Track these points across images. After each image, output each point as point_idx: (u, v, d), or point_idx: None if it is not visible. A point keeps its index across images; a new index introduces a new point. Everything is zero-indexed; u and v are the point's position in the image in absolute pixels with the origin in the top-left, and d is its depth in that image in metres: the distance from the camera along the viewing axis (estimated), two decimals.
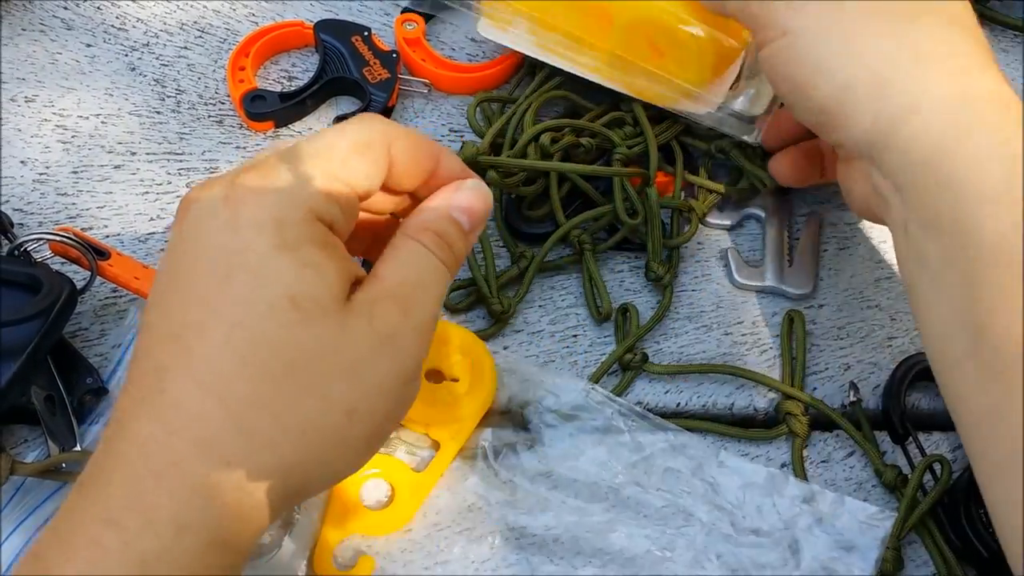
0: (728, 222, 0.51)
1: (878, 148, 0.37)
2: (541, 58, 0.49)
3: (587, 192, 0.48)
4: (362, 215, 0.36)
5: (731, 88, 0.47)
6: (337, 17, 0.55)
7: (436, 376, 0.43)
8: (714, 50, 0.45)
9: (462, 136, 0.52)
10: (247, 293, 0.28)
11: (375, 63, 0.53)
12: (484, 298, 0.46)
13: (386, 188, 0.33)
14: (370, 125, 0.32)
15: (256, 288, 0.28)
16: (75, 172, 0.50)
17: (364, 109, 0.51)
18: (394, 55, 0.53)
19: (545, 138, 0.47)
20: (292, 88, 0.53)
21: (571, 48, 0.48)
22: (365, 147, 0.31)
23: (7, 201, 0.48)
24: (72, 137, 0.51)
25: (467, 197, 0.33)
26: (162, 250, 0.47)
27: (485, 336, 0.45)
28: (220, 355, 0.28)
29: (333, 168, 0.30)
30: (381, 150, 0.31)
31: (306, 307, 0.28)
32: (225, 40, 0.55)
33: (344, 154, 0.30)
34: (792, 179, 0.48)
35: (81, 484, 0.28)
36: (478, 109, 0.51)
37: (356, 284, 0.30)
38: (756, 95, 0.48)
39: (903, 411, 0.44)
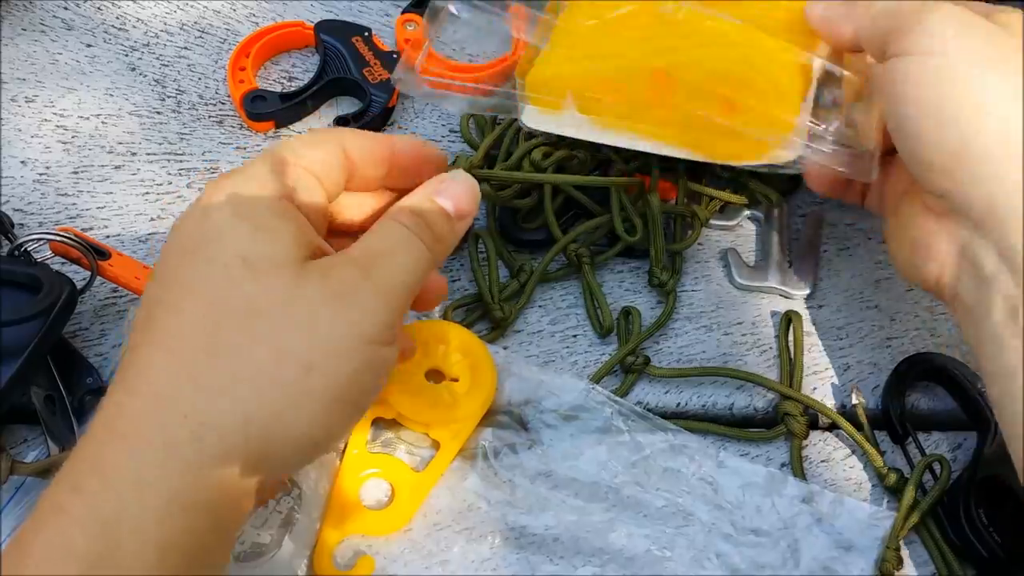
0: (728, 222, 0.51)
1: (1003, 216, 0.33)
2: (599, 139, 0.44)
3: (582, 203, 0.48)
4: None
5: (818, 117, 0.40)
6: (338, 18, 0.56)
7: (436, 376, 0.43)
8: (796, 76, 0.40)
9: (462, 138, 0.52)
10: (206, 261, 0.30)
11: (376, 64, 0.53)
12: (487, 305, 0.46)
13: (358, 187, 0.35)
14: (320, 130, 0.36)
15: (213, 254, 0.30)
16: (75, 172, 0.50)
17: (365, 110, 0.51)
18: (395, 56, 0.53)
19: (537, 153, 0.46)
20: (292, 88, 0.53)
21: (633, 122, 0.42)
22: (316, 142, 0.34)
23: (7, 201, 0.48)
24: (72, 137, 0.51)
25: (451, 185, 0.35)
26: None
27: (485, 340, 0.45)
28: (179, 317, 0.29)
29: (288, 156, 0.33)
30: (333, 143, 0.34)
31: (257, 264, 0.30)
32: (225, 40, 0.55)
33: (297, 146, 0.33)
34: (828, 189, 0.44)
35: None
36: (471, 120, 0.51)
37: (322, 252, 0.32)
38: (852, 125, 0.40)
39: (903, 411, 0.44)
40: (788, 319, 0.47)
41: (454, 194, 0.35)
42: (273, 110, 0.51)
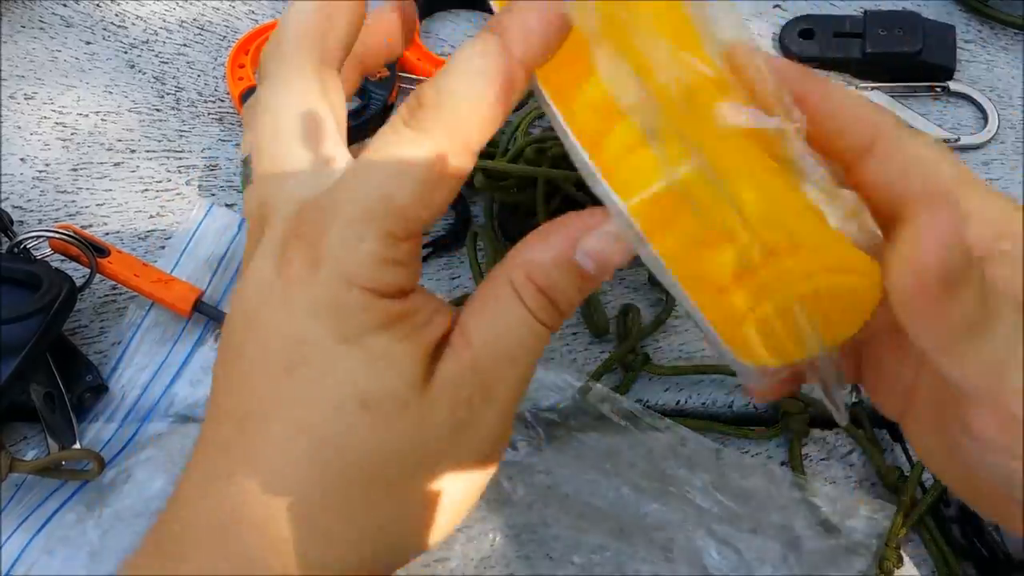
0: None
1: None
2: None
3: (581, 200, 0.48)
4: None
5: None
6: None
7: None
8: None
9: None
10: (310, 391, 0.25)
11: None
12: None
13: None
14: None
15: (320, 387, 0.25)
16: (75, 170, 0.50)
17: (363, 107, 0.51)
18: None
19: (530, 151, 0.46)
20: None
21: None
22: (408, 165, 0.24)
23: (7, 198, 0.48)
24: (72, 134, 0.51)
25: (598, 242, 0.25)
26: (162, 247, 0.47)
27: None
28: (285, 456, 0.25)
29: (380, 215, 0.24)
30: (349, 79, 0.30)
31: (378, 407, 0.25)
32: (225, 37, 0.55)
33: (382, 184, 0.24)
34: (773, 395, 0.30)
35: (158, 543, 0.26)
36: None
37: (442, 341, 0.26)
38: None
39: None
40: None
41: (598, 252, 0.25)
42: None
